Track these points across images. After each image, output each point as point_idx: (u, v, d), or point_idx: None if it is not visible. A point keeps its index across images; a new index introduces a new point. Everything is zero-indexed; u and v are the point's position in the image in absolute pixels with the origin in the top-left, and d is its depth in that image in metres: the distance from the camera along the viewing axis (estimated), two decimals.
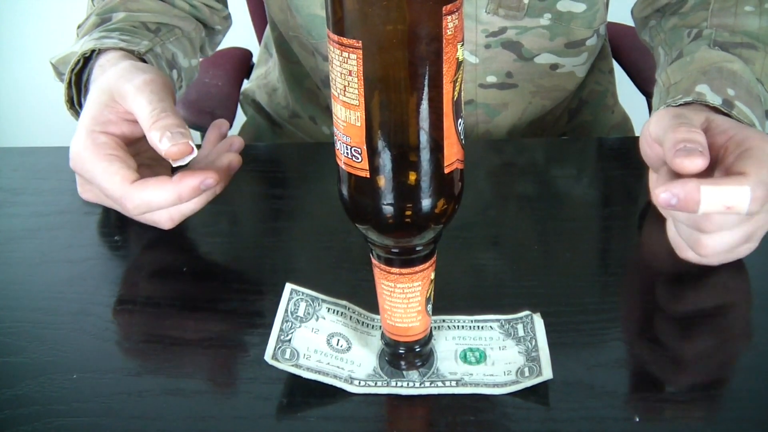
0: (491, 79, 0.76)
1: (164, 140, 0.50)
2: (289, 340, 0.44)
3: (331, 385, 0.42)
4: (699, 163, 0.44)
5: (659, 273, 0.52)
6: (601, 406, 0.41)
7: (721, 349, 0.45)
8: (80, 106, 0.61)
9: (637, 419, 0.40)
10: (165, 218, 0.53)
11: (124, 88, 0.53)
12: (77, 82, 0.61)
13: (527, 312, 0.46)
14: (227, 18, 0.78)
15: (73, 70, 0.60)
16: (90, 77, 0.60)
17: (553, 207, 0.59)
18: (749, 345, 0.46)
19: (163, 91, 0.53)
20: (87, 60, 0.61)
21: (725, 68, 0.58)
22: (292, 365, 0.43)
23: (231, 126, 0.95)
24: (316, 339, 0.44)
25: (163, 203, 0.51)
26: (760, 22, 0.63)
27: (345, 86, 0.34)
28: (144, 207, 0.51)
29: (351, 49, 0.33)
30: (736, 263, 0.50)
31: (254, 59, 1.05)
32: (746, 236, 0.48)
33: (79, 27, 0.69)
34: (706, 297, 0.49)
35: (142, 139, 0.54)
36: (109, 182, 0.51)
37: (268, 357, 0.43)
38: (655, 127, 0.50)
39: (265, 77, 0.92)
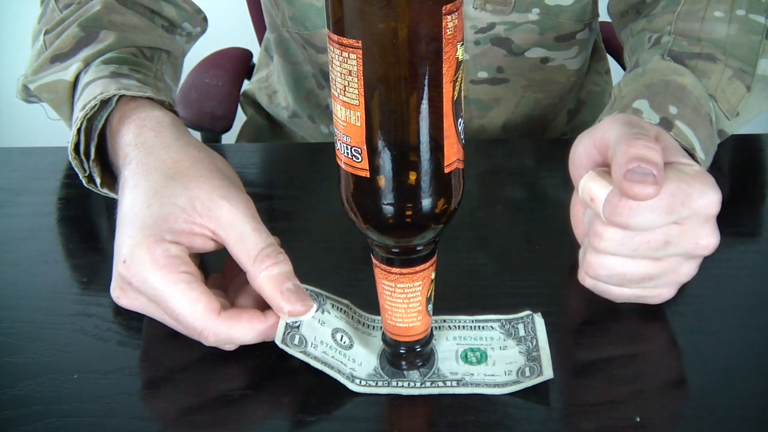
0: (482, 74, 0.76)
1: (288, 296, 0.43)
2: (298, 327, 0.44)
3: (333, 384, 0.42)
4: (650, 192, 0.40)
5: None
6: (601, 406, 0.41)
7: (721, 349, 0.45)
8: (87, 154, 0.54)
9: (638, 419, 0.40)
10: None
11: (219, 206, 0.45)
12: (87, 128, 0.54)
13: (528, 312, 0.46)
14: (205, 20, 0.75)
15: (87, 115, 0.53)
16: (107, 126, 0.53)
17: (554, 207, 0.59)
18: (749, 345, 0.46)
19: (254, 210, 0.46)
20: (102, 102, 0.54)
21: (672, 82, 0.54)
22: (301, 351, 0.43)
23: (231, 126, 0.95)
24: (322, 330, 0.44)
25: (249, 341, 0.44)
26: (728, 30, 0.58)
27: (345, 86, 0.34)
28: (227, 341, 0.44)
29: (351, 49, 0.33)
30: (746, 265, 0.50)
31: (254, 59, 1.05)
32: (641, 274, 0.44)
33: (46, 33, 0.62)
34: (706, 297, 0.49)
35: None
36: (190, 311, 0.42)
37: (278, 340, 0.43)
38: (603, 132, 0.45)
39: (266, 80, 0.93)
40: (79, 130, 0.54)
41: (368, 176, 0.36)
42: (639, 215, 0.42)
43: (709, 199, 0.43)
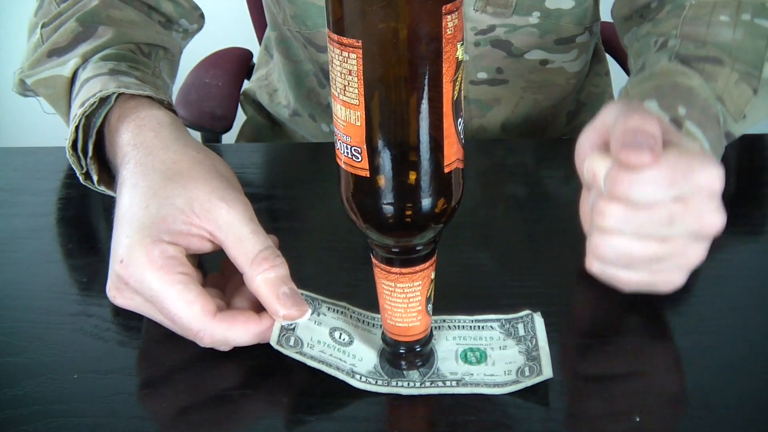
0: (482, 75, 0.76)
1: (284, 300, 0.43)
2: (293, 329, 0.44)
3: (333, 384, 0.42)
4: (646, 159, 0.40)
5: None
6: (601, 406, 0.41)
7: (721, 349, 0.45)
8: (85, 152, 0.54)
9: (638, 419, 0.40)
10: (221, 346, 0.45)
11: (217, 208, 0.45)
12: (86, 125, 0.54)
13: (527, 311, 0.46)
14: (202, 16, 0.74)
15: (85, 113, 0.53)
16: (106, 124, 0.53)
17: (555, 206, 0.59)
18: (749, 344, 0.46)
19: (252, 213, 0.46)
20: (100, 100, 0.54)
21: (681, 84, 0.54)
22: (296, 352, 0.43)
23: (231, 126, 0.95)
24: (319, 330, 0.44)
25: (244, 342, 0.44)
26: (733, 34, 0.58)
27: (345, 86, 0.34)
28: (222, 343, 0.44)
29: (351, 49, 0.33)
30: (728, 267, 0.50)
31: (254, 59, 1.05)
32: (648, 255, 0.43)
33: (44, 26, 0.62)
34: (706, 297, 0.49)
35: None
36: (186, 312, 0.42)
37: (273, 342, 0.43)
38: (603, 118, 0.45)
39: (266, 78, 0.93)
40: (77, 128, 0.54)
41: (368, 176, 0.36)
42: (639, 186, 0.41)
43: (710, 173, 0.42)
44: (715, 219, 0.42)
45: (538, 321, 0.45)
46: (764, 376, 0.43)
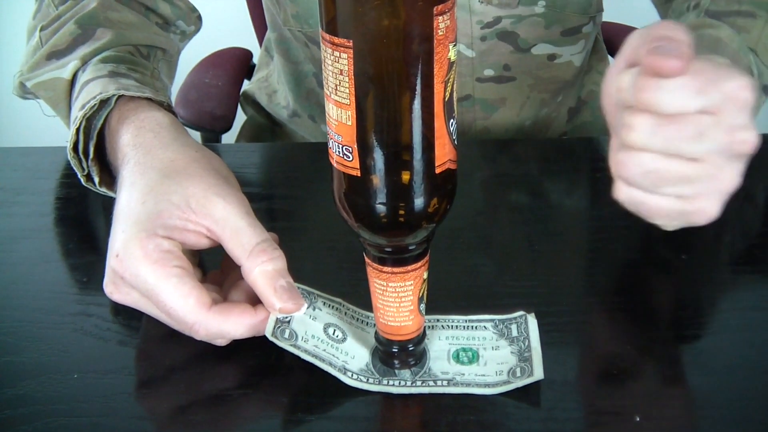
0: (489, 72, 0.75)
1: (281, 293, 0.43)
2: (288, 322, 0.44)
3: (332, 384, 0.42)
4: (674, 64, 0.38)
5: (658, 273, 0.52)
6: (601, 406, 0.41)
7: (721, 349, 0.45)
8: (86, 154, 0.55)
9: (638, 419, 0.40)
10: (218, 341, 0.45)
11: (213, 203, 0.45)
12: (86, 127, 0.54)
13: (521, 312, 0.46)
14: (200, 18, 0.75)
15: (86, 115, 0.54)
16: (106, 126, 0.54)
17: (555, 207, 0.59)
18: (749, 344, 0.46)
19: (249, 208, 0.46)
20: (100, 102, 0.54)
21: (707, 35, 0.52)
22: (291, 345, 0.43)
23: (231, 126, 0.95)
24: (313, 325, 0.44)
25: (240, 335, 0.44)
26: None
27: (336, 85, 0.34)
28: (218, 336, 0.44)
29: (342, 48, 0.33)
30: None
31: (254, 59, 1.05)
32: (677, 173, 0.41)
33: (42, 29, 0.62)
34: (705, 297, 0.49)
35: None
36: (181, 305, 0.42)
37: (268, 333, 0.43)
38: (631, 43, 0.43)
39: (266, 80, 0.93)
40: (78, 130, 0.54)
41: (359, 175, 0.36)
42: (667, 92, 0.39)
43: (740, 81, 0.40)
44: (747, 135, 0.40)
45: (532, 322, 0.45)
46: (764, 376, 0.43)
